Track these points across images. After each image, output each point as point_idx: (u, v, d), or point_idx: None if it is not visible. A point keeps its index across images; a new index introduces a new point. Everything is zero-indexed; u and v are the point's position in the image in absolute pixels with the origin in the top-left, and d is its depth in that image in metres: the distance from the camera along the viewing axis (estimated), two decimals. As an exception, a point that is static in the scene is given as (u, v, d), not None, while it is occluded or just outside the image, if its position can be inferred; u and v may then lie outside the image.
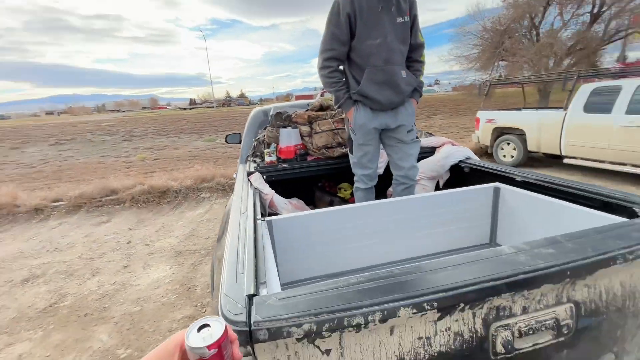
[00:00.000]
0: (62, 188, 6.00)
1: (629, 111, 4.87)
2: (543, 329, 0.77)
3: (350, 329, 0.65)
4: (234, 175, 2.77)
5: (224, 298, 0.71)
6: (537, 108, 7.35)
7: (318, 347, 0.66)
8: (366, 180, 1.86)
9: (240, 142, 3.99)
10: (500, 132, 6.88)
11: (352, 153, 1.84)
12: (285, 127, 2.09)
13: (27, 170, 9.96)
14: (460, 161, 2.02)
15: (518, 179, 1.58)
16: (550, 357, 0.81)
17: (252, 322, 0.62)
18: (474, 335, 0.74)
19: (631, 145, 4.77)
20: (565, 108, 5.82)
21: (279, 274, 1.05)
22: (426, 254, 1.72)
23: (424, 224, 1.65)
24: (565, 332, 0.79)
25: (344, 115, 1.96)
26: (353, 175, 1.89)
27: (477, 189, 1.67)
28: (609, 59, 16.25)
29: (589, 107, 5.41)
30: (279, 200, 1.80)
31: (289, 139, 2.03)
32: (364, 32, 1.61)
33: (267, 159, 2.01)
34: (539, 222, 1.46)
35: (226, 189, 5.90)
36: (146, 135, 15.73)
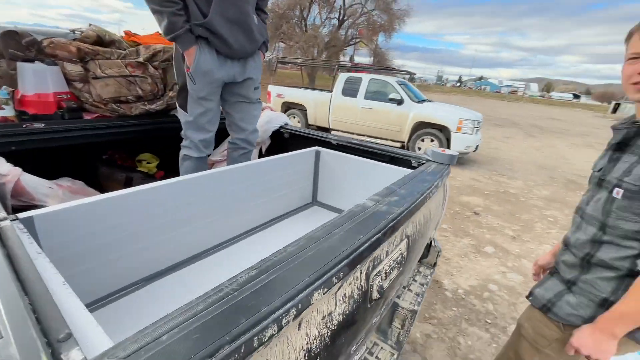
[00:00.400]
0: None
1: (366, 97, 6.83)
2: (396, 265, 0.89)
3: (261, 347, 0.44)
4: None
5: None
6: (314, 88, 8.86)
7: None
8: (202, 146, 1.49)
9: None
10: (288, 107, 7.79)
11: (185, 109, 1.40)
12: (31, 60, 1.23)
13: None
14: (281, 127, 2.04)
15: (334, 142, 1.78)
16: (394, 287, 0.97)
17: None
18: (361, 292, 0.73)
19: (367, 121, 6.77)
20: (331, 90, 7.37)
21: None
22: (262, 222, 1.64)
23: (257, 192, 1.55)
24: (403, 262, 0.97)
25: (142, 57, 1.42)
26: (157, 143, 1.45)
27: (302, 153, 1.74)
28: (347, 57, 22.06)
29: (345, 92, 7.13)
30: (35, 184, 1.08)
31: (42, 81, 1.22)
32: None
33: (-7, 113, 1.14)
34: (351, 176, 1.72)
35: None
36: None
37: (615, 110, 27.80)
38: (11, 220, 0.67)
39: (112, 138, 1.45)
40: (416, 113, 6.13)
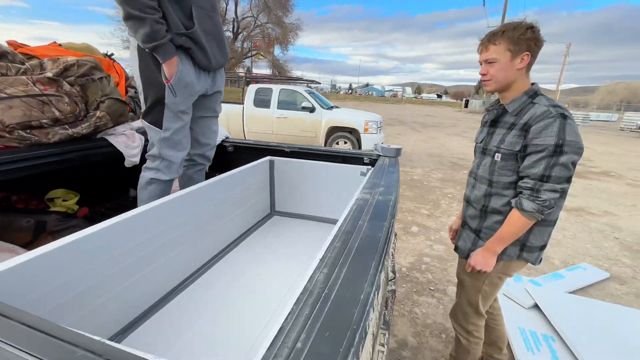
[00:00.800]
0: None
1: (279, 107, 6.96)
2: (393, 244, 1.01)
3: (366, 336, 0.48)
4: None
5: None
6: (224, 102, 8.49)
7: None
8: (177, 167, 1.37)
9: None
10: (196, 122, 7.27)
11: (160, 126, 1.27)
12: None
13: None
14: (223, 140, 1.95)
15: (286, 150, 1.81)
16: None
17: None
18: (386, 275, 0.81)
19: (283, 130, 6.90)
20: (242, 102, 7.23)
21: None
22: (227, 243, 1.54)
23: (217, 213, 1.46)
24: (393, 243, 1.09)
25: (50, 73, 1.18)
26: (78, 174, 1.26)
27: (256, 164, 1.71)
28: (243, 70, 21.93)
29: (257, 103, 7.10)
30: None
31: None
32: None
33: None
34: (308, 181, 1.79)
35: None
36: None
37: (466, 105, 35.50)
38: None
39: (22, 174, 1.14)
40: (328, 119, 6.58)
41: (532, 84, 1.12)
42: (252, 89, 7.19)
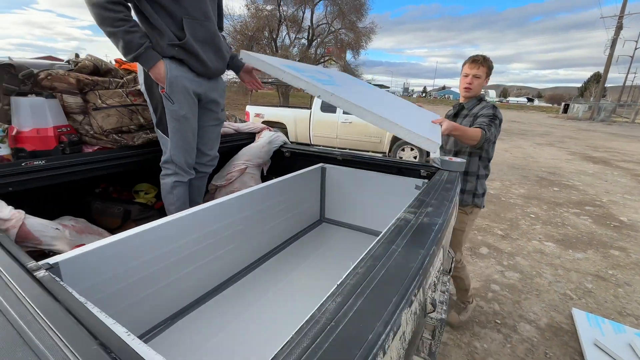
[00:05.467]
0: None
1: (345, 112, 6.99)
2: (438, 275, 0.90)
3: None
4: None
5: None
6: (291, 106, 8.95)
7: None
8: (189, 168, 1.43)
9: None
10: (267, 125, 7.80)
11: (167, 134, 1.32)
12: (24, 94, 1.15)
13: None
14: (281, 146, 2.03)
15: (339, 158, 1.79)
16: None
17: None
18: (421, 306, 0.73)
19: (348, 135, 6.91)
20: (310, 108, 7.48)
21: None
22: (274, 246, 1.60)
23: (266, 216, 1.51)
24: (441, 272, 0.97)
25: (140, 86, 1.37)
26: (154, 172, 1.37)
27: (309, 171, 1.73)
28: (318, 75, 22.61)
29: (324, 108, 7.26)
30: (40, 226, 0.99)
31: (40, 115, 1.13)
32: None
33: (-13, 153, 1.03)
34: (359, 190, 1.74)
35: None
36: None
37: (565, 110, 30.32)
38: (46, 270, 0.61)
39: (114, 170, 1.37)
40: (395, 124, 6.35)
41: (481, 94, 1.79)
42: (320, 94, 7.40)
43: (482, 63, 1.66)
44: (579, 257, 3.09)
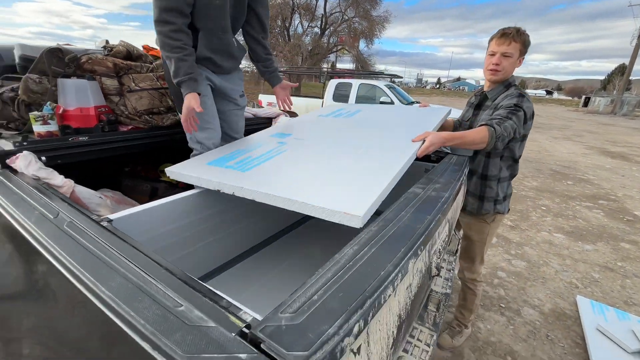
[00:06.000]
0: None
1: (357, 101, 7.00)
2: (443, 246, 0.98)
3: (379, 307, 0.52)
4: None
5: None
6: (303, 96, 8.99)
7: (352, 351, 0.48)
8: (213, 146, 1.48)
9: None
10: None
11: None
12: (68, 76, 1.26)
13: None
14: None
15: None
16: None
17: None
18: (426, 267, 0.82)
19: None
20: (322, 97, 7.51)
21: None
22: (295, 220, 1.71)
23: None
24: (446, 245, 1.06)
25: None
26: (180, 152, 1.46)
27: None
28: (327, 65, 22.48)
29: (336, 97, 7.28)
30: (87, 194, 1.11)
31: (82, 96, 1.25)
32: None
33: (40, 128, 1.15)
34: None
35: None
36: None
37: (586, 104, 29.26)
38: (107, 222, 0.72)
39: (145, 148, 1.49)
40: (407, 115, 6.34)
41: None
42: (332, 83, 7.40)
43: (515, 37, 1.29)
44: (588, 248, 3.10)
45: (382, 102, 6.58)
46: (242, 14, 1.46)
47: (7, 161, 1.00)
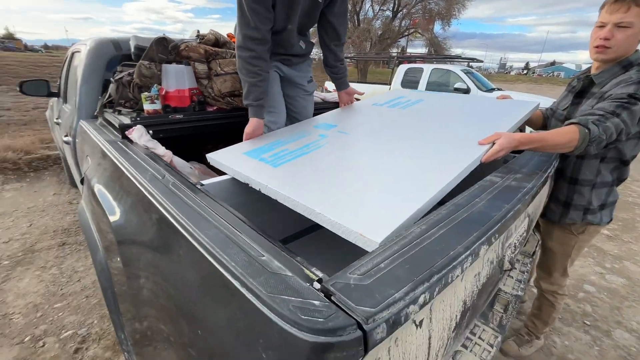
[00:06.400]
0: None
1: (427, 88, 6.56)
2: (520, 241, 0.90)
3: (448, 285, 0.51)
4: (65, 138, 1.84)
5: (277, 306, 0.40)
6: (370, 82, 8.81)
7: (414, 322, 0.49)
8: (273, 127, 1.58)
9: (49, 94, 2.71)
10: (345, 101, 7.86)
11: None
12: (170, 62, 1.48)
13: None
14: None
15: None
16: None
17: (361, 320, 0.38)
18: (498, 259, 0.77)
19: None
20: (390, 84, 7.24)
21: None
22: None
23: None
24: (524, 241, 0.97)
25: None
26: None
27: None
28: (397, 50, 21.33)
29: (405, 83, 6.94)
30: (182, 164, 1.31)
31: (180, 79, 1.46)
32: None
33: (148, 107, 1.39)
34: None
35: (21, 167, 4.00)
36: None
37: None
38: (201, 185, 0.85)
39: (227, 128, 1.66)
40: (485, 103, 5.74)
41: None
42: (402, 69, 7.06)
43: (635, 1, 0.97)
44: None
45: (456, 89, 6.07)
46: (313, 21, 1.50)
47: (126, 133, 1.23)
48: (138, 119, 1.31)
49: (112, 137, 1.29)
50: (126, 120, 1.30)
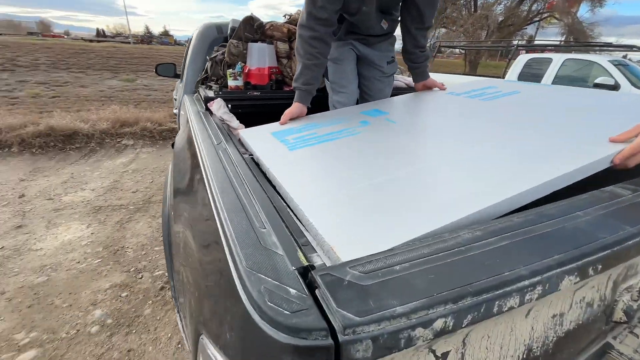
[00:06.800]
0: None
1: (555, 82, 5.38)
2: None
3: (494, 316, 0.36)
4: (175, 111, 2.17)
5: (249, 282, 0.35)
6: (479, 75, 7.77)
7: (433, 352, 0.37)
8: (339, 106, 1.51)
9: (175, 76, 3.22)
10: (445, 95, 7.15)
11: (327, 76, 1.50)
12: (255, 41, 1.57)
13: None
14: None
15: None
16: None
17: (337, 327, 0.29)
18: (602, 304, 0.53)
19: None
20: (503, 76, 6.21)
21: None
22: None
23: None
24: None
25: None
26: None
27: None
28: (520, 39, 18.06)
29: (522, 76, 5.84)
30: (250, 138, 1.37)
31: (262, 58, 1.54)
32: None
33: (231, 83, 1.50)
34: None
35: (155, 135, 4.98)
36: (37, 66, 12.37)
37: None
38: (249, 156, 0.85)
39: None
40: None
41: None
42: (521, 59, 5.96)
43: None
44: None
45: (597, 85, 4.78)
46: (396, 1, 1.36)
47: (208, 104, 1.35)
48: (220, 93, 1.42)
49: (199, 108, 1.44)
50: (211, 94, 1.42)
